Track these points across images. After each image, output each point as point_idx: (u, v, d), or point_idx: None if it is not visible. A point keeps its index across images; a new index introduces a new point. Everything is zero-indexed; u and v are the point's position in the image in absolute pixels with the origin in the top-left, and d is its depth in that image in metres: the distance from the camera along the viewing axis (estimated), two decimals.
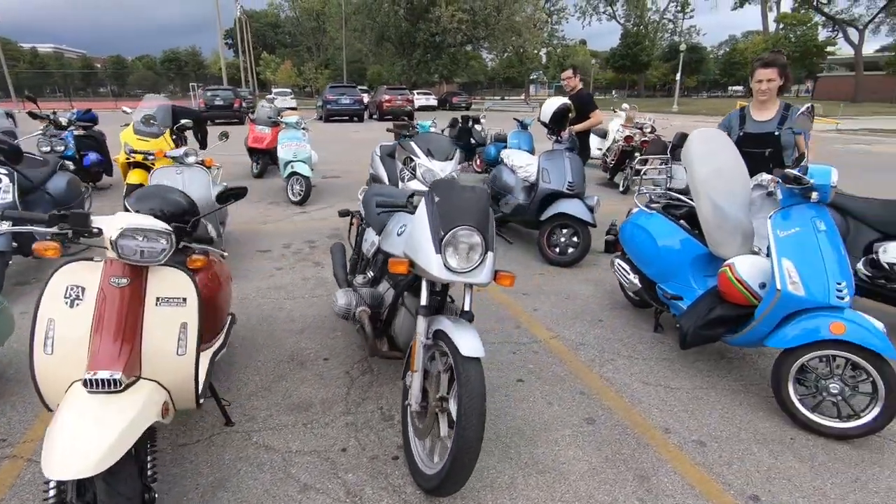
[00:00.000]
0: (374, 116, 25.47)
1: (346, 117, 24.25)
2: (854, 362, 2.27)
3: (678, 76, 36.43)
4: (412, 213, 2.23)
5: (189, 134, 8.06)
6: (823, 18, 39.70)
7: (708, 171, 2.82)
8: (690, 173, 2.87)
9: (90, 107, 8.75)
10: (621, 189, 7.96)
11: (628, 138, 7.87)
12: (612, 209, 6.92)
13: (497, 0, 37.45)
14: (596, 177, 8.82)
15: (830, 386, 2.33)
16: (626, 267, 3.46)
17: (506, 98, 68.44)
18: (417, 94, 36.43)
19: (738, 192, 2.80)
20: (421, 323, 2.03)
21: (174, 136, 7.18)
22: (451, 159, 4.52)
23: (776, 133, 3.07)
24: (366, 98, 28.67)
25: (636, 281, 3.36)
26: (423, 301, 2.05)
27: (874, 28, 41.88)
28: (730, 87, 69.54)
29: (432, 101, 35.30)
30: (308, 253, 4.91)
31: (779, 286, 2.32)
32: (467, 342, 1.83)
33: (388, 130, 4.91)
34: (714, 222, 2.79)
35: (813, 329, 2.28)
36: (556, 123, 4.58)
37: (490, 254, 2.03)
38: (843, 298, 2.26)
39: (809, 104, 2.60)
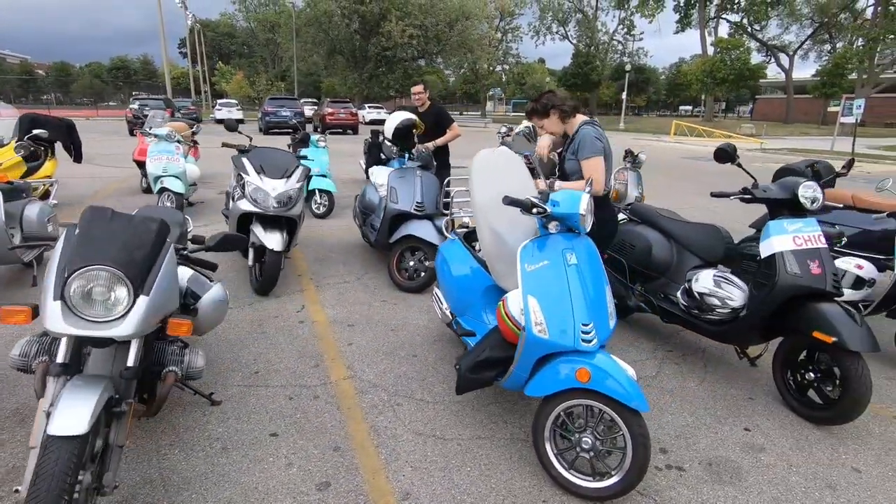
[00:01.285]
0: (318, 129, 24.98)
1: (290, 130, 23.66)
2: (607, 413, 2.02)
3: (624, 95, 37.61)
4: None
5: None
6: (757, 44, 41.93)
7: (488, 196, 2.56)
8: (471, 198, 2.61)
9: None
10: None
11: (526, 157, 7.74)
12: None
13: (449, 17, 37.76)
14: None
15: (583, 440, 2.07)
16: (441, 296, 3.17)
17: (464, 114, 69.01)
18: (369, 107, 36.14)
19: (522, 219, 2.54)
20: (49, 386, 1.64)
21: (32, 148, 6.59)
22: (289, 177, 4.16)
23: (565, 158, 2.87)
24: (308, 111, 28.21)
25: (448, 313, 3.06)
26: (59, 357, 1.67)
27: (803, 54, 44.53)
28: (680, 107, 72.49)
29: (384, 116, 35.00)
30: None
31: (524, 327, 2.06)
32: (62, 415, 1.45)
33: (224, 145, 4.52)
34: (494, 251, 2.53)
35: (562, 376, 2.02)
36: (401, 140, 4.31)
37: (143, 299, 1.67)
38: (590, 342, 2.01)
39: (528, 124, 2.39)
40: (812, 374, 2.65)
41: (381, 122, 34.87)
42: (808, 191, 2.71)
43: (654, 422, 2.61)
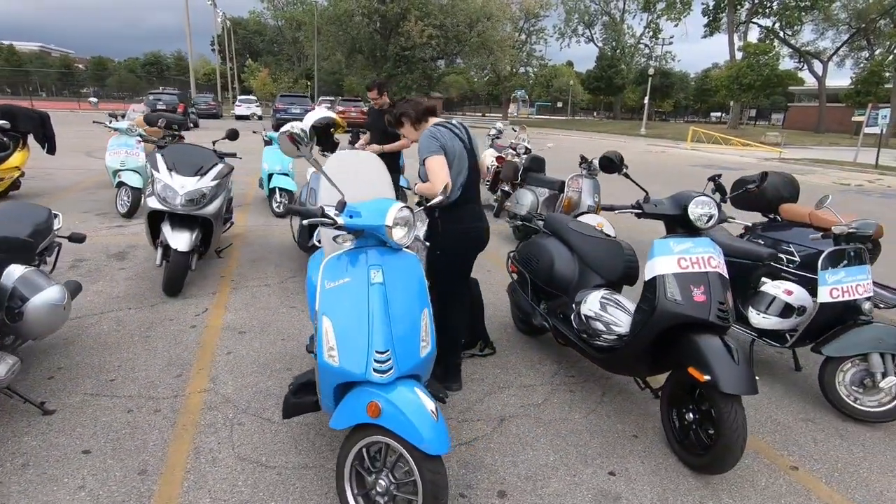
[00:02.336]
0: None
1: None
2: (402, 454, 1.78)
3: (646, 100, 36.68)
4: None
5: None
6: (790, 50, 40.35)
7: (335, 200, 2.34)
8: (317, 201, 2.40)
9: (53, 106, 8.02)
10: (494, 212, 7.55)
11: (500, 159, 7.50)
12: None
13: (469, 17, 37.54)
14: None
15: (379, 482, 1.83)
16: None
17: (486, 115, 68.61)
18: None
19: None
20: None
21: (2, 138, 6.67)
22: (203, 175, 4.02)
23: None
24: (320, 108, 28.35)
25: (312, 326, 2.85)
26: None
27: (839, 61, 42.66)
28: (711, 114, 70.16)
29: None
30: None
31: (316, 351, 1.84)
32: None
33: (144, 140, 4.42)
34: None
35: (355, 409, 1.80)
36: (319, 138, 4.12)
37: None
38: (384, 372, 1.77)
39: (297, 127, 2.15)
40: (692, 415, 2.35)
41: None
42: (699, 207, 2.41)
43: (511, 458, 2.35)
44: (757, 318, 3.14)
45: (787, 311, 3.10)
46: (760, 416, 2.81)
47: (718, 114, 68.96)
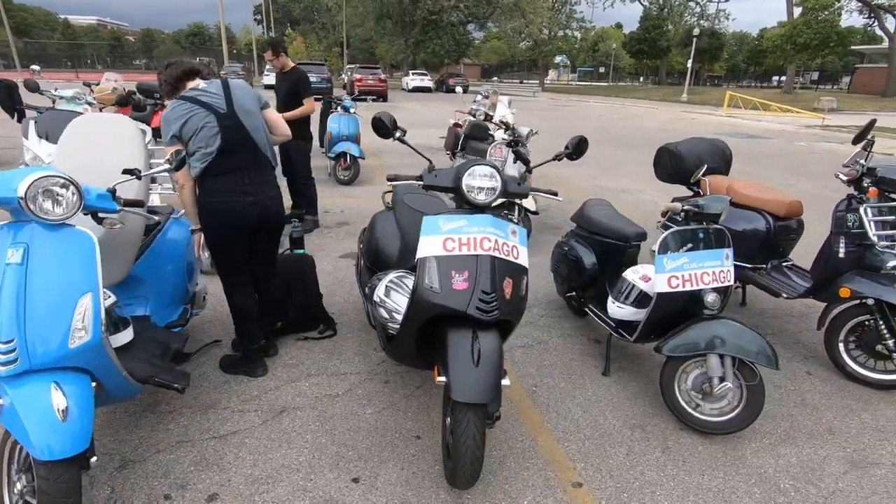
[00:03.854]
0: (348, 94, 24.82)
1: (319, 96, 23.69)
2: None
3: (689, 63, 34.19)
4: None
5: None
6: (859, 4, 36.29)
7: (72, 165, 2.12)
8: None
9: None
10: None
11: (457, 125, 7.06)
12: None
13: None
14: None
15: (17, 483, 1.66)
16: None
17: (524, 82, 66.26)
18: (413, 74, 35.40)
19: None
20: None
21: None
22: None
23: None
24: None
25: None
26: None
27: None
28: (773, 77, 64.25)
29: (427, 83, 34.12)
30: None
31: None
32: None
33: (28, 107, 4.31)
34: None
35: None
36: None
37: None
38: (6, 364, 1.56)
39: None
40: (449, 420, 2.04)
41: (426, 89, 34.23)
42: (475, 179, 2.03)
43: (255, 457, 2.13)
44: (612, 306, 2.74)
45: (646, 299, 2.68)
46: (585, 418, 2.45)
47: (779, 77, 63.33)
